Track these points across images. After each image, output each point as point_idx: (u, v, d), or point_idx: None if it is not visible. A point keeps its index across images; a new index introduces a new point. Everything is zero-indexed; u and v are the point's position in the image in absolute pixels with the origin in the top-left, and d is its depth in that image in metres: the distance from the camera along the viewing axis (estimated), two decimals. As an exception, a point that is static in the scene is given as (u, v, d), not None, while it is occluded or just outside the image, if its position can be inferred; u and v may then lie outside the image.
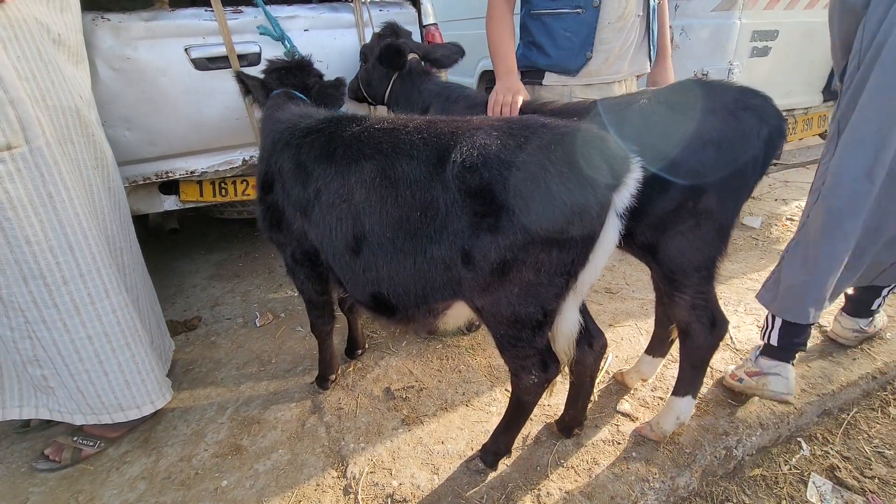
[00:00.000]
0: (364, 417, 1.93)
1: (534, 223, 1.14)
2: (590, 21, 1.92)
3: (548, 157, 1.14)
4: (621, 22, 1.93)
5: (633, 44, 2.01)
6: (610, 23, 1.92)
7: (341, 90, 1.91)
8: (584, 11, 1.92)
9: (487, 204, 1.17)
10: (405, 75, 1.91)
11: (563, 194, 1.12)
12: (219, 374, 2.25)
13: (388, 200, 1.30)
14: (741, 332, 2.36)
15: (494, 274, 1.23)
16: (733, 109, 1.33)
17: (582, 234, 1.17)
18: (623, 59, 2.03)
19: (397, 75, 1.93)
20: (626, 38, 1.98)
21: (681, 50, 2.81)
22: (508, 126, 1.22)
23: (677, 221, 1.43)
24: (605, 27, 1.92)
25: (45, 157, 1.54)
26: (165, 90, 2.10)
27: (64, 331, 1.67)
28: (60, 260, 1.61)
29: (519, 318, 1.32)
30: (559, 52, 1.99)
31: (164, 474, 1.73)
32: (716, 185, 1.37)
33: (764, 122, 1.34)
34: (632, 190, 1.20)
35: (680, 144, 1.34)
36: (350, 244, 1.40)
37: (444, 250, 1.27)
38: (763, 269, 2.94)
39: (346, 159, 1.39)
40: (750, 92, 1.36)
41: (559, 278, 1.25)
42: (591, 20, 1.92)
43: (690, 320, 1.57)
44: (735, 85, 1.38)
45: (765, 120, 1.34)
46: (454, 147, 1.20)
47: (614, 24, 1.92)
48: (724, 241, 1.48)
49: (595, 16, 1.91)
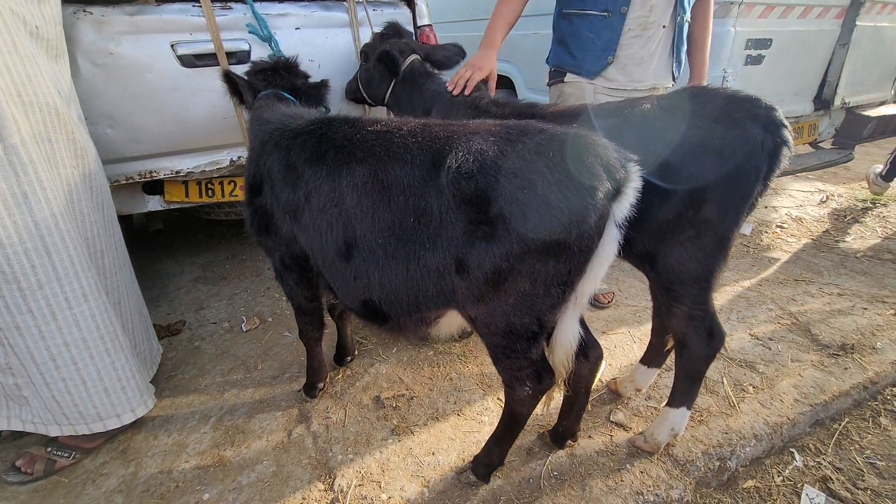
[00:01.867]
0: (353, 427, 1.88)
1: (530, 232, 1.10)
2: (615, 26, 1.93)
3: (545, 164, 1.11)
4: (645, 31, 1.94)
5: (654, 54, 2.00)
6: (631, 29, 1.93)
7: (324, 91, 1.88)
8: (610, 15, 1.93)
9: (483, 211, 1.13)
10: (407, 76, 1.87)
11: (560, 203, 1.09)
12: (202, 381, 2.18)
13: (380, 205, 1.26)
14: (734, 341, 2.35)
15: (489, 283, 1.19)
16: (738, 119, 1.31)
17: (579, 245, 1.14)
18: (643, 68, 2.02)
19: (399, 76, 1.89)
20: (648, 47, 1.97)
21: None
22: (506, 131, 1.18)
23: (677, 231, 1.41)
24: (628, 33, 1.93)
25: (21, 155, 1.47)
26: (150, 87, 2.02)
27: (39, 337, 1.59)
28: (36, 263, 1.54)
29: (513, 329, 1.28)
30: (582, 52, 2.02)
31: (143, 487, 1.66)
32: (717, 194, 1.34)
33: (769, 132, 1.32)
34: (631, 199, 1.17)
35: (682, 152, 1.31)
36: (341, 250, 1.36)
37: (437, 258, 1.23)
38: (754, 277, 2.94)
39: (337, 162, 1.34)
40: (756, 101, 1.34)
41: (556, 289, 1.21)
42: (616, 25, 1.93)
43: (688, 331, 1.54)
44: (742, 94, 1.36)
45: (770, 130, 1.32)
46: (449, 152, 1.16)
47: (637, 31, 1.93)
48: (725, 252, 1.45)
49: (621, 21, 1.92)
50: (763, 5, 2.71)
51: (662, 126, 1.36)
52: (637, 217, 1.25)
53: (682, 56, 2.11)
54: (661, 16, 1.92)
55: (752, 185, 1.35)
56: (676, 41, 2.04)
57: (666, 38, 2.01)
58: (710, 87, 1.45)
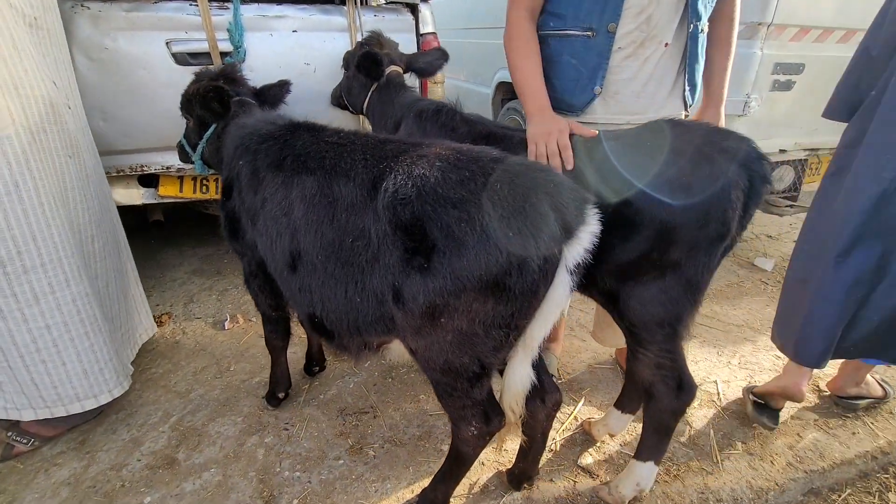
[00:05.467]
0: (307, 442, 1.83)
1: (464, 270, 1.02)
2: (602, 48, 1.55)
3: (489, 197, 1.02)
4: (641, 49, 1.55)
5: (654, 78, 1.61)
6: (622, 48, 1.54)
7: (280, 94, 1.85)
8: (594, 35, 1.54)
9: (418, 241, 1.05)
10: (382, 87, 1.81)
11: (500, 241, 1.00)
12: (173, 378, 2.18)
13: (324, 221, 1.20)
14: (730, 388, 2.17)
15: (425, 317, 1.11)
16: (707, 153, 1.18)
17: (521, 288, 1.04)
18: (641, 98, 1.63)
19: (375, 86, 1.83)
20: (646, 69, 1.58)
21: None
22: (456, 156, 1.10)
23: (640, 272, 1.29)
24: (618, 54, 1.55)
25: (14, 147, 1.52)
26: (143, 83, 2.05)
27: (21, 321, 1.63)
28: (22, 249, 1.58)
29: (452, 368, 1.20)
30: (562, 83, 1.62)
31: (90, 482, 1.66)
32: (684, 235, 1.22)
33: (743, 167, 1.19)
34: (586, 245, 1.06)
35: (645, 189, 1.20)
36: (288, 260, 1.31)
37: (375, 284, 1.16)
38: (768, 318, 2.72)
39: (292, 171, 1.30)
40: (727, 133, 1.21)
41: (498, 331, 1.12)
42: (603, 47, 1.55)
43: (654, 380, 1.42)
44: (709, 125, 1.24)
45: (744, 165, 1.19)
46: (389, 174, 1.09)
47: (630, 50, 1.54)
48: (695, 297, 1.33)
49: (609, 42, 1.54)
50: (796, 28, 2.51)
51: (627, 161, 1.24)
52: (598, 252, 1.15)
53: (696, 77, 1.69)
54: (662, 30, 1.52)
55: (725, 225, 1.21)
56: (689, 59, 1.62)
57: (671, 56, 1.61)
58: (684, 120, 1.32)
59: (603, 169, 1.27)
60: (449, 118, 1.53)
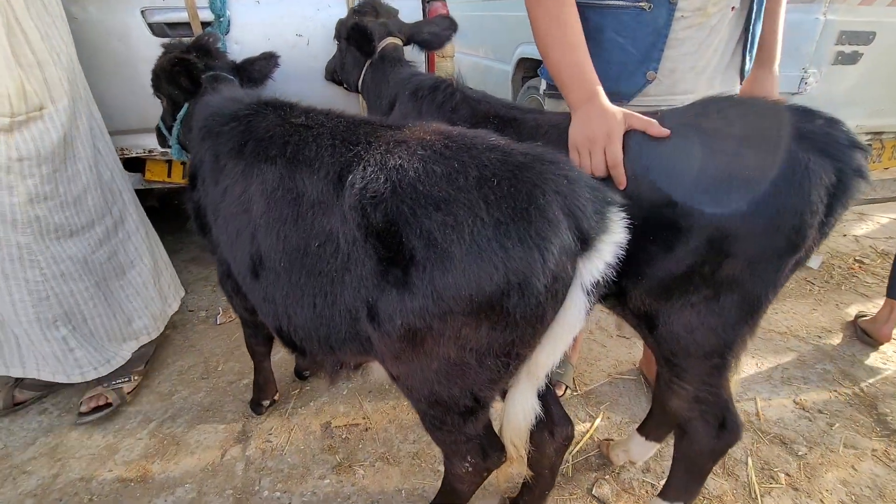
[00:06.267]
0: (291, 457, 1.67)
1: (451, 288, 0.79)
2: (658, 22, 1.23)
3: (483, 196, 0.79)
4: (703, 17, 1.24)
5: (719, 51, 1.31)
6: (686, 17, 1.23)
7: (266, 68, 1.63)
8: (650, 7, 1.22)
9: (394, 250, 0.83)
10: (376, 62, 1.57)
11: (494, 254, 0.77)
12: (158, 378, 2.04)
13: (286, 221, 0.99)
14: (771, 408, 1.90)
15: (404, 341, 0.90)
16: (779, 138, 0.91)
17: (523, 312, 0.81)
18: (701, 75, 1.32)
19: (370, 62, 1.59)
20: (709, 42, 1.27)
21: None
22: (444, 143, 0.87)
23: (687, 290, 1.04)
24: (680, 22, 1.24)
25: (69, 115, 1.59)
26: (118, 57, 1.85)
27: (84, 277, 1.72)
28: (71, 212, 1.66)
29: (440, 400, 0.99)
30: (606, 66, 1.25)
31: (58, 495, 1.54)
32: (746, 245, 0.96)
33: (828, 157, 0.91)
34: (609, 258, 0.82)
35: (696, 186, 0.94)
36: (249, 266, 1.11)
37: (347, 298, 0.95)
38: (813, 325, 2.42)
39: (252, 158, 1.08)
40: (806, 113, 0.94)
41: (494, 360, 0.90)
42: (660, 21, 1.23)
43: (691, 416, 1.18)
44: (786, 104, 0.96)
45: (830, 154, 0.91)
46: (357, 165, 0.86)
47: (696, 19, 1.24)
48: (754, 321, 1.07)
49: (669, 14, 1.22)
50: (868, -12, 2.14)
51: (671, 149, 0.98)
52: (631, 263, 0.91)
53: (755, 47, 1.39)
54: None
55: (799, 232, 0.94)
56: (753, 23, 1.31)
57: (736, 21, 1.30)
58: (745, 97, 1.04)
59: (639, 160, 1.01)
60: (447, 97, 1.28)
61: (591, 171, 1.05)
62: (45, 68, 1.51)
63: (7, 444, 1.72)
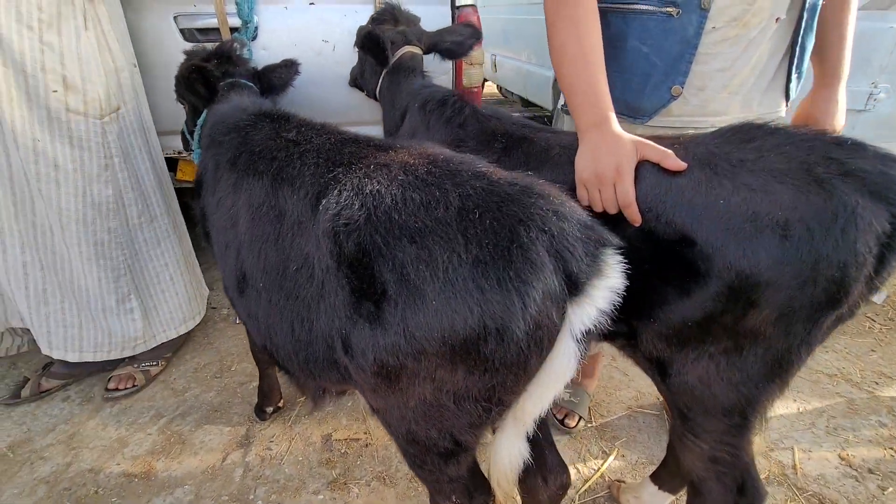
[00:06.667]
0: (289, 468, 1.65)
1: (423, 328, 0.73)
2: (688, 32, 1.10)
3: (462, 230, 0.72)
4: (743, 29, 1.09)
5: (758, 68, 1.15)
6: (718, 28, 1.09)
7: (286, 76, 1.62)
8: (679, 13, 1.08)
9: (366, 282, 0.77)
10: (391, 71, 1.52)
11: (471, 295, 0.70)
12: (175, 373, 2.10)
13: (268, 239, 0.96)
14: (811, 462, 1.70)
15: (378, 377, 0.84)
16: (820, 175, 0.79)
17: (502, 359, 0.74)
18: (735, 95, 1.17)
19: (386, 70, 1.55)
20: (746, 58, 1.12)
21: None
22: (427, 168, 0.80)
23: (705, 339, 0.92)
24: (712, 35, 1.10)
25: (137, 116, 1.81)
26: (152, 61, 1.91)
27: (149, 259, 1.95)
28: (141, 205, 1.88)
29: (418, 440, 0.92)
30: (628, 78, 1.16)
31: (67, 484, 1.60)
32: (776, 296, 0.83)
33: (883, 201, 0.78)
34: (602, 305, 0.73)
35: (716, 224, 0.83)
36: (235, 280, 1.09)
37: (323, 326, 0.90)
38: (870, 369, 2.16)
39: (244, 171, 1.07)
40: (855, 147, 0.80)
41: (473, 405, 0.83)
42: (689, 30, 1.09)
43: (705, 476, 1.05)
44: (825, 134, 0.83)
45: (885, 198, 0.78)
46: (334, 188, 0.82)
47: (731, 31, 1.09)
48: (783, 379, 0.94)
49: (700, 22, 1.08)
50: (956, -7, 1.88)
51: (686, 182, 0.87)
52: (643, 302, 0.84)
53: (806, 61, 1.23)
54: (773, 2, 1.06)
55: (841, 286, 0.81)
56: (802, 36, 1.15)
57: (780, 35, 1.14)
58: (784, 126, 0.90)
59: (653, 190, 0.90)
60: (456, 112, 1.21)
61: (602, 208, 0.94)
62: (121, 73, 1.72)
63: (31, 428, 1.81)
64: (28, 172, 1.61)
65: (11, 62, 1.48)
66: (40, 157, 1.59)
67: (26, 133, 1.55)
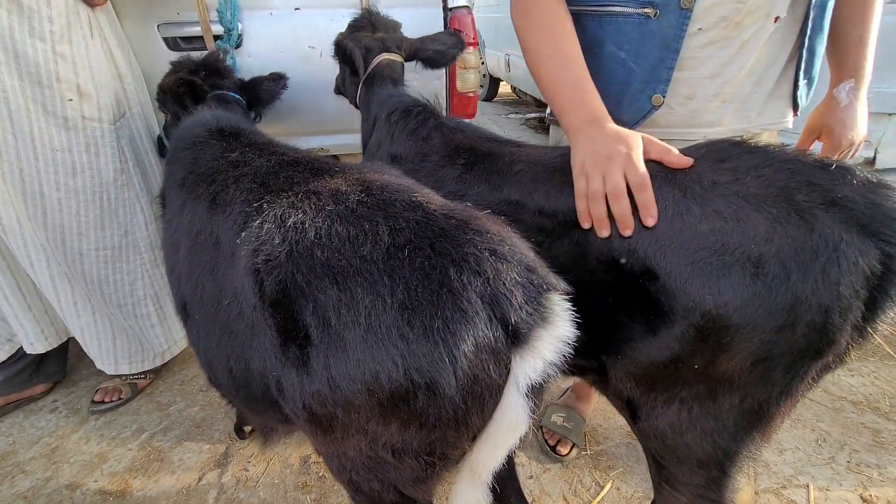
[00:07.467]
0: (264, 491, 1.60)
1: (346, 378, 0.65)
2: (668, 34, 0.99)
3: (391, 270, 0.63)
4: (735, 30, 0.97)
5: (755, 74, 1.04)
6: (704, 30, 0.97)
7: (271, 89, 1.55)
8: (656, 14, 0.98)
9: (290, 324, 0.70)
10: (368, 80, 1.44)
11: (395, 346, 0.61)
12: (160, 386, 2.08)
13: (203, 269, 0.90)
14: (829, 500, 1.55)
15: (311, 423, 0.77)
16: (801, 203, 0.67)
17: (438, 416, 0.65)
18: (729, 104, 1.05)
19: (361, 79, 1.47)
20: (740, 62, 1.00)
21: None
22: (359, 198, 0.72)
23: (674, 382, 0.82)
24: (697, 37, 0.99)
25: (137, 122, 1.81)
26: (138, 70, 1.89)
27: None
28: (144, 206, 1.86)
29: (361, 490, 0.84)
30: (605, 86, 1.02)
31: (44, 501, 1.58)
32: (749, 342, 0.72)
33: (872, 235, 0.66)
34: (548, 356, 0.64)
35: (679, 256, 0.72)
36: (179, 306, 1.04)
37: (257, 364, 0.83)
38: (888, 396, 1.97)
39: (188, 193, 1.00)
40: (849, 172, 0.68)
41: (414, 460, 0.74)
42: (669, 32, 0.99)
43: (689, 533, 0.94)
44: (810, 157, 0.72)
45: (875, 232, 0.66)
46: (256, 217, 0.74)
47: (718, 33, 0.97)
48: (763, 431, 0.83)
49: (682, 23, 0.97)
50: None
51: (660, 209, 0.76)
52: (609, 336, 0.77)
53: (816, 65, 1.09)
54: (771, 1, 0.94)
55: (823, 332, 0.69)
56: (810, 37, 1.02)
57: (783, 36, 1.01)
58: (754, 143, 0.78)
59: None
60: (420, 123, 1.12)
61: (608, 196, 0.80)
62: (125, 79, 1.75)
63: (16, 440, 1.81)
64: (46, 184, 1.59)
65: (27, 75, 1.47)
66: (59, 167, 1.58)
67: (45, 144, 1.54)
